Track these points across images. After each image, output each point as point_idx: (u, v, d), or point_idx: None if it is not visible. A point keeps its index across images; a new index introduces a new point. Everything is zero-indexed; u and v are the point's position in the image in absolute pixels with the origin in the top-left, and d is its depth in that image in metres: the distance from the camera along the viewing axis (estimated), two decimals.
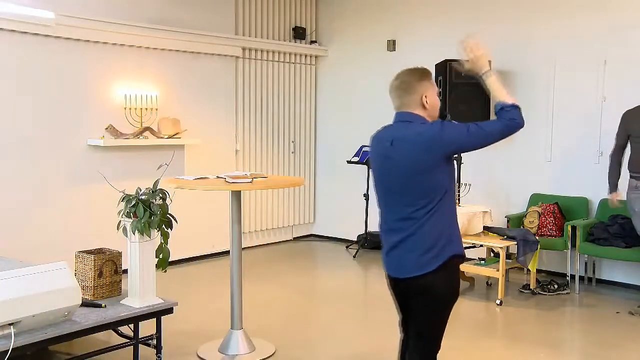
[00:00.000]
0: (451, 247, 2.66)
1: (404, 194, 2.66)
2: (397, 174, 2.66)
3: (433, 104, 2.73)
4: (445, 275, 2.65)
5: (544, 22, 6.27)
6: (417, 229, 2.64)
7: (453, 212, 2.72)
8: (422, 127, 2.65)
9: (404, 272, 2.74)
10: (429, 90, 2.72)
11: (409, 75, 2.75)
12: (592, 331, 4.73)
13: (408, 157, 2.62)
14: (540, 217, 5.89)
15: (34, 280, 3.19)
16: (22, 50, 5.46)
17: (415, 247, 2.66)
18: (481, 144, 2.64)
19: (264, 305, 5.25)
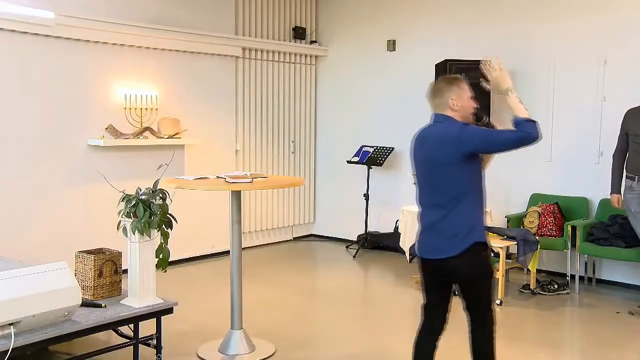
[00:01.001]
0: (474, 235, 2.99)
1: (432, 185, 3.08)
2: (426, 167, 3.11)
3: (462, 107, 3.05)
4: (469, 259, 2.99)
5: (544, 22, 6.28)
6: (443, 217, 3.01)
7: (478, 205, 3.05)
8: (446, 128, 3.02)
9: (431, 253, 3.09)
10: (458, 94, 3.05)
11: (441, 81, 3.17)
12: (592, 331, 4.73)
13: (431, 153, 3.05)
14: (540, 217, 5.89)
15: (34, 280, 3.19)
16: (22, 50, 5.46)
17: (442, 233, 3.03)
18: (496, 149, 3.01)
19: (264, 305, 5.25)
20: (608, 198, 5.85)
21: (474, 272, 3.05)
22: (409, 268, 6.44)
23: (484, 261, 3.07)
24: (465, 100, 3.07)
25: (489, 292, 3.16)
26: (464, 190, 2.98)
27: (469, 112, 3.08)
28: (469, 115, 3.09)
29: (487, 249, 3.10)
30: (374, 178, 7.43)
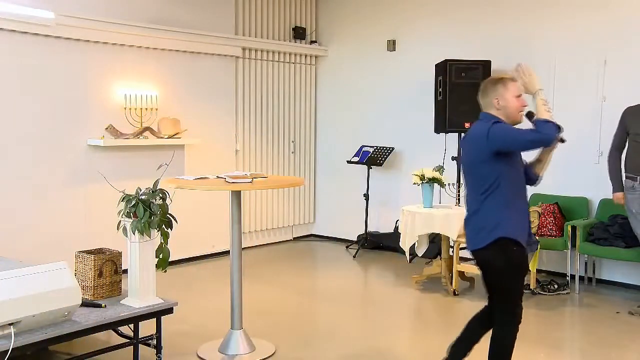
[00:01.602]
0: (499, 230, 3.14)
1: (468, 180, 3.29)
2: (464, 163, 3.32)
3: (505, 106, 3.21)
4: (495, 252, 3.16)
5: (544, 22, 6.28)
6: (475, 210, 3.23)
7: (508, 201, 3.17)
8: (481, 126, 3.20)
9: (468, 245, 3.33)
10: (501, 94, 3.20)
11: (487, 81, 3.31)
12: (592, 331, 4.73)
13: (468, 150, 3.27)
14: (540, 217, 5.89)
15: (34, 280, 3.19)
16: (22, 50, 5.46)
17: (474, 225, 3.26)
18: (518, 147, 3.19)
19: (264, 305, 5.25)
20: (608, 198, 5.85)
21: (494, 266, 3.19)
22: (409, 268, 6.44)
23: (506, 257, 3.16)
24: (509, 99, 3.19)
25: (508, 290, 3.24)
26: (492, 186, 3.14)
27: (514, 111, 3.20)
28: (515, 114, 3.20)
29: (515, 246, 3.16)
30: (374, 178, 7.43)
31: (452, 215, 5.48)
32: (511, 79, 3.25)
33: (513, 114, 3.22)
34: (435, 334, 4.67)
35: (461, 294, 5.64)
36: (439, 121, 6.39)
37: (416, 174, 5.72)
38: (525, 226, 3.28)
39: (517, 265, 3.23)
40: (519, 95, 3.21)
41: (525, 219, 3.29)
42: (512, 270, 3.22)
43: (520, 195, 3.26)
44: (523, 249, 3.22)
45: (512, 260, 3.19)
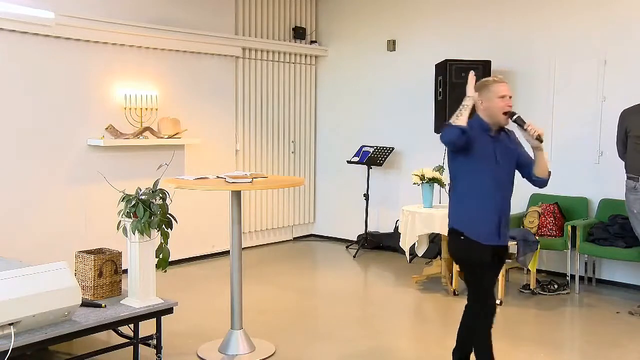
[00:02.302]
0: (452, 221, 3.43)
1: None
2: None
3: (488, 107, 3.35)
4: (450, 241, 3.49)
5: (544, 22, 6.28)
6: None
7: (463, 197, 3.39)
8: None
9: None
10: (485, 95, 3.35)
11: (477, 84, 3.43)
12: (592, 331, 4.73)
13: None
14: (540, 217, 5.89)
15: (34, 280, 3.20)
16: (22, 50, 5.46)
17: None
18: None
19: (264, 305, 5.25)
20: (608, 198, 5.87)
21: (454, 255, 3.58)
22: (409, 268, 6.44)
23: (455, 248, 3.45)
24: (492, 100, 3.31)
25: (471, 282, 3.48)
26: (454, 181, 3.42)
27: (497, 112, 3.31)
28: (497, 114, 3.31)
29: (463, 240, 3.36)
30: (374, 178, 7.43)
31: None
32: (496, 80, 3.37)
33: (496, 115, 3.32)
34: (435, 334, 4.67)
35: (461, 294, 5.63)
36: (439, 121, 6.39)
37: (416, 174, 5.72)
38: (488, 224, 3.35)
39: (472, 259, 3.38)
40: (502, 96, 3.29)
41: (489, 216, 3.35)
42: (463, 262, 3.47)
43: (485, 193, 3.33)
44: (478, 245, 3.34)
45: (460, 253, 3.44)
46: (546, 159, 3.37)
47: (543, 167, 3.36)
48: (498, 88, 3.32)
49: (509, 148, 3.37)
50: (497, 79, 3.38)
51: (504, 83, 3.36)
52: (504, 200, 3.39)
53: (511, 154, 3.38)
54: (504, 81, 3.38)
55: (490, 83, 3.37)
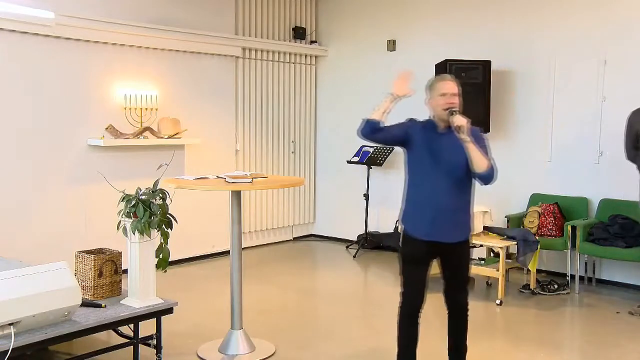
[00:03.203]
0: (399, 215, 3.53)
1: None
2: None
3: (432, 106, 3.42)
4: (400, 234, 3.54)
5: (543, 21, 6.28)
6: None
7: (407, 192, 3.46)
8: None
9: None
10: (430, 94, 3.43)
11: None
12: (592, 331, 4.73)
13: None
14: (540, 217, 5.89)
15: (34, 280, 3.20)
16: (22, 50, 5.46)
17: None
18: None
19: (264, 305, 5.25)
20: (608, 198, 5.87)
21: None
22: None
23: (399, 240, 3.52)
24: (435, 98, 3.37)
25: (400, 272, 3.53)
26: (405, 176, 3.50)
27: (438, 109, 3.35)
28: (439, 111, 3.35)
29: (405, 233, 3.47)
30: (374, 178, 7.43)
31: None
32: (439, 79, 3.43)
33: (439, 112, 3.36)
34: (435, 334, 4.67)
35: None
36: None
37: None
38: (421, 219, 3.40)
39: (403, 252, 3.48)
40: (442, 94, 3.33)
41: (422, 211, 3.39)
42: (400, 254, 3.53)
43: (420, 189, 3.39)
44: (410, 238, 3.43)
45: (400, 246, 3.51)
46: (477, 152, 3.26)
47: (475, 161, 3.26)
48: (440, 86, 3.36)
49: (457, 145, 3.27)
50: (441, 78, 3.44)
51: (448, 81, 3.38)
52: (444, 196, 3.33)
53: (461, 151, 3.28)
54: (448, 79, 3.40)
55: (434, 81, 3.44)
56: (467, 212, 3.48)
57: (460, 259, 3.54)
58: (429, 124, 3.44)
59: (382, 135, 3.42)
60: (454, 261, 3.52)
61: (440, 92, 3.34)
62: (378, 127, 3.39)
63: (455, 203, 3.37)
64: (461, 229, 3.45)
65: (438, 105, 3.34)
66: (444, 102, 3.32)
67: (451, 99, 3.32)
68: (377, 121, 3.40)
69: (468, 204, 3.46)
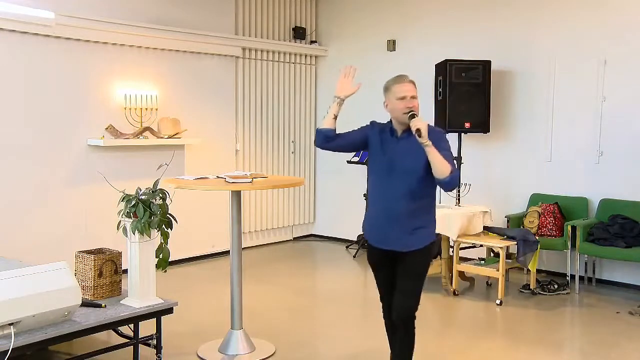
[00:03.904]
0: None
1: None
2: None
3: (391, 109, 3.27)
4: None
5: (543, 21, 6.28)
6: None
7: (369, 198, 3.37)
8: None
9: None
10: (387, 97, 3.28)
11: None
12: (592, 331, 4.73)
13: None
14: (540, 217, 5.89)
15: (34, 280, 3.19)
16: (22, 50, 5.46)
17: None
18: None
19: (264, 305, 5.25)
20: (608, 198, 5.87)
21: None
22: None
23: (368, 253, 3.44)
24: (392, 102, 3.23)
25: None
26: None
27: (398, 113, 3.20)
28: (400, 116, 3.19)
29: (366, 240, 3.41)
30: None
31: (452, 215, 5.48)
32: (396, 81, 3.26)
33: (398, 117, 3.21)
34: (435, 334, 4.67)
35: (461, 294, 5.64)
36: (439, 121, 6.39)
37: None
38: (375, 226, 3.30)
39: (368, 259, 3.46)
40: (401, 97, 3.17)
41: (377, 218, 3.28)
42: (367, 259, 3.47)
43: (376, 195, 3.30)
44: (369, 246, 3.38)
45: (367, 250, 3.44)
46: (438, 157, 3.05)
47: (436, 166, 3.05)
48: (397, 89, 3.21)
49: (415, 149, 3.08)
50: (399, 80, 3.26)
51: (405, 83, 3.22)
52: (397, 202, 3.16)
53: (419, 155, 3.09)
54: (405, 81, 3.24)
55: (390, 84, 3.26)
56: (425, 220, 3.25)
57: (409, 267, 3.25)
58: (387, 128, 3.30)
59: (338, 143, 3.32)
60: (403, 270, 3.27)
61: (398, 96, 3.18)
62: (331, 135, 3.29)
63: (409, 210, 3.17)
64: (416, 237, 3.21)
65: (396, 109, 3.19)
66: (403, 106, 3.16)
67: (410, 102, 3.16)
68: (328, 129, 3.29)
69: (426, 210, 3.26)
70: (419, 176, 3.14)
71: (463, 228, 5.47)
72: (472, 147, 6.69)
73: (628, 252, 5.36)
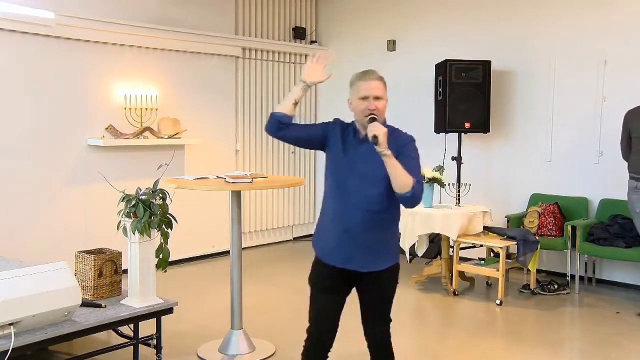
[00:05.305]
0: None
1: None
2: None
3: (353, 108, 2.84)
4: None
5: (543, 21, 6.28)
6: None
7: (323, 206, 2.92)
8: None
9: None
10: (351, 94, 2.86)
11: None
12: (592, 331, 4.73)
13: None
14: (540, 217, 5.89)
15: (34, 280, 3.19)
16: (22, 50, 5.46)
17: None
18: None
19: (264, 305, 5.25)
20: (608, 198, 5.87)
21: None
22: (409, 268, 6.44)
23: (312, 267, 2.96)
24: (354, 101, 2.82)
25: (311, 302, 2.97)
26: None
27: (359, 114, 2.79)
28: (360, 118, 2.78)
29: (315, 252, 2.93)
30: None
31: (452, 215, 5.48)
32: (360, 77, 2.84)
33: (360, 118, 2.79)
34: (435, 334, 4.67)
35: (461, 294, 5.64)
36: (439, 121, 6.39)
37: None
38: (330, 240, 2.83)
39: (311, 275, 2.94)
40: (363, 97, 2.76)
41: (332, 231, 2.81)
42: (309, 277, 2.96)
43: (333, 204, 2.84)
44: (319, 261, 2.89)
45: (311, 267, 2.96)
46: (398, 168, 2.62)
47: (394, 179, 2.63)
48: (360, 86, 2.79)
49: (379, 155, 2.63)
50: (364, 75, 2.83)
51: (371, 80, 2.79)
52: (355, 214, 2.74)
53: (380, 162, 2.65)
54: (372, 78, 2.81)
55: (354, 79, 2.85)
56: (388, 236, 2.85)
57: (375, 292, 2.88)
58: (351, 128, 2.85)
59: (291, 134, 2.87)
60: (368, 295, 2.90)
61: (360, 94, 2.77)
62: (286, 122, 2.83)
63: (370, 223, 2.74)
64: (378, 256, 2.80)
65: (357, 109, 2.77)
66: (364, 106, 2.74)
67: (373, 103, 2.74)
68: (283, 115, 2.83)
69: (390, 225, 2.85)
70: (381, 185, 2.70)
71: (463, 228, 5.47)
72: (472, 147, 6.69)
73: (628, 252, 5.36)
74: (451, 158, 6.46)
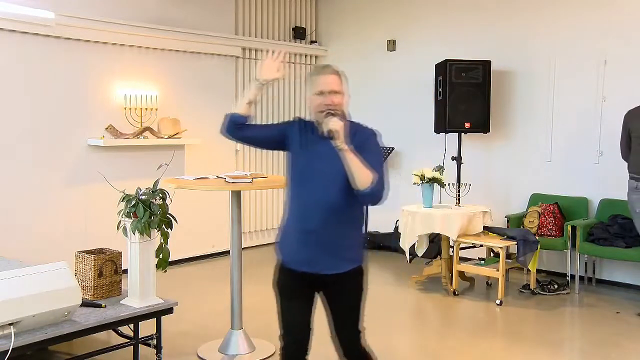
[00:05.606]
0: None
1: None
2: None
3: (309, 104, 2.74)
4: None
5: (543, 21, 6.28)
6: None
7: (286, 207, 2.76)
8: None
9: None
10: (308, 89, 2.75)
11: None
12: (592, 331, 4.73)
13: None
14: (540, 217, 5.89)
15: (34, 280, 3.19)
16: (22, 50, 5.46)
17: None
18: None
19: (264, 305, 5.25)
20: (608, 198, 5.87)
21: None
22: (409, 268, 6.44)
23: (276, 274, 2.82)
24: (310, 98, 2.71)
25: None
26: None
27: (314, 111, 2.68)
28: (318, 114, 2.66)
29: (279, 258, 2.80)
30: None
31: (452, 215, 5.48)
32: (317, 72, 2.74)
33: (316, 115, 2.68)
34: (435, 334, 4.68)
35: (461, 294, 5.64)
36: (439, 121, 6.39)
37: (416, 174, 5.72)
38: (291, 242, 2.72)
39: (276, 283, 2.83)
40: (319, 92, 2.65)
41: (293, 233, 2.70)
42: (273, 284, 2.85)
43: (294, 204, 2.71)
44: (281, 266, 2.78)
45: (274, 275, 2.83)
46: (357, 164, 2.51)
47: (352, 174, 2.51)
48: (317, 81, 2.67)
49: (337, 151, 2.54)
50: (321, 70, 2.74)
51: (328, 75, 2.70)
52: (316, 214, 2.61)
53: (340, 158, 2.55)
54: (329, 72, 2.72)
55: (312, 74, 2.76)
56: (352, 236, 2.74)
57: (343, 296, 2.79)
58: (310, 125, 2.74)
59: (247, 134, 2.77)
60: (335, 299, 2.82)
61: (316, 90, 2.65)
62: (241, 123, 2.73)
63: (331, 222, 2.61)
64: (342, 257, 2.69)
65: (313, 104, 2.67)
66: (319, 102, 2.64)
67: (329, 98, 2.65)
68: (238, 115, 2.74)
69: (354, 225, 2.74)
70: (343, 183, 2.57)
71: (463, 228, 5.47)
72: (472, 147, 6.69)
73: (628, 252, 5.36)
74: (451, 158, 6.46)
